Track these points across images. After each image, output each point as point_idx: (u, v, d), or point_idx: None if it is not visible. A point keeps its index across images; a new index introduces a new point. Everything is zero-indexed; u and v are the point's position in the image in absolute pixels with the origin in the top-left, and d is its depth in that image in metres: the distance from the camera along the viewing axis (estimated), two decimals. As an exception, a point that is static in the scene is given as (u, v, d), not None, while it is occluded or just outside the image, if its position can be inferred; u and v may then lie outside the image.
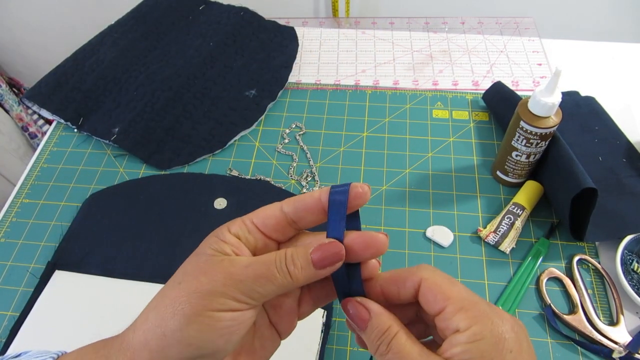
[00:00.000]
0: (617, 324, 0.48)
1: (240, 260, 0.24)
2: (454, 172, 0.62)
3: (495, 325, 0.23)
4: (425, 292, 0.25)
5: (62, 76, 0.72)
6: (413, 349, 0.23)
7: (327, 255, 0.24)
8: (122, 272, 0.53)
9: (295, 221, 0.26)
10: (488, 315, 0.23)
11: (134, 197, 0.59)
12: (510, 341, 0.23)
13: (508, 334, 0.23)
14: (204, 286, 0.23)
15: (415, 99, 0.71)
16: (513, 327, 0.23)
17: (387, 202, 0.59)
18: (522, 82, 0.73)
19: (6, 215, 0.60)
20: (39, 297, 0.51)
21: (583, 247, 0.54)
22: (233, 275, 0.24)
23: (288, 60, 0.75)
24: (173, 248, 0.54)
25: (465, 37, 0.80)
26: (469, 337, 0.22)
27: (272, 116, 0.70)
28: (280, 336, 0.28)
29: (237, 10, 0.81)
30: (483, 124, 0.67)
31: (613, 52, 0.77)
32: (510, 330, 0.23)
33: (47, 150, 0.67)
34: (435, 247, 0.55)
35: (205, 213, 0.57)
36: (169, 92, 0.69)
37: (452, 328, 0.23)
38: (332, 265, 0.24)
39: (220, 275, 0.24)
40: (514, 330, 0.23)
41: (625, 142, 0.63)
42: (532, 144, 0.53)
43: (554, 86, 0.49)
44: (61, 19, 1.40)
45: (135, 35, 0.78)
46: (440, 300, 0.24)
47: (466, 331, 0.23)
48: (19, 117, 1.28)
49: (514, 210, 0.55)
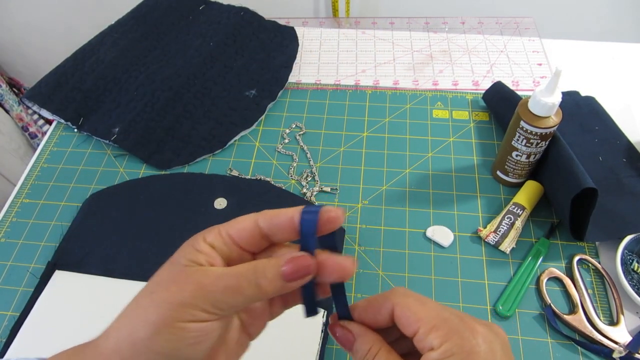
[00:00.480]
0: (617, 324, 0.48)
1: (212, 271, 0.25)
2: (454, 172, 0.62)
3: (465, 340, 0.24)
4: (399, 316, 0.26)
5: (62, 76, 0.72)
6: None
7: (298, 268, 0.25)
8: (122, 272, 0.53)
9: (269, 236, 0.26)
10: (458, 331, 0.24)
11: (134, 197, 0.59)
12: (481, 353, 0.24)
13: (479, 347, 0.24)
14: (174, 296, 0.24)
15: (415, 99, 0.71)
16: (486, 338, 0.24)
17: (387, 202, 0.59)
18: (522, 82, 0.73)
19: (6, 215, 0.60)
20: (39, 297, 0.51)
21: (583, 247, 0.54)
22: (203, 286, 0.24)
23: (288, 60, 0.75)
24: (173, 248, 0.53)
25: (465, 37, 0.80)
26: (440, 355, 0.24)
27: (272, 116, 0.70)
28: (250, 337, 0.29)
29: (237, 10, 0.81)
30: (483, 124, 0.67)
31: (613, 52, 0.77)
32: (482, 343, 0.24)
33: (47, 150, 0.67)
34: (436, 247, 0.55)
35: (205, 213, 0.57)
36: (169, 92, 0.69)
37: (427, 347, 0.24)
38: (301, 278, 0.25)
39: (190, 286, 0.24)
40: (487, 341, 0.24)
41: (625, 142, 0.63)
42: (532, 144, 0.53)
43: (554, 86, 0.49)
44: (61, 19, 1.40)
45: (135, 35, 0.78)
46: (412, 323, 0.25)
47: (439, 349, 0.24)
48: (19, 117, 1.28)
49: (514, 210, 0.55)
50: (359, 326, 0.27)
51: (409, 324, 0.25)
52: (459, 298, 0.51)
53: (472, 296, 0.51)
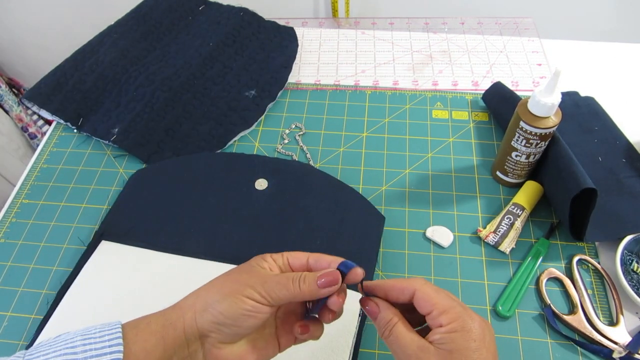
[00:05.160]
0: (617, 324, 0.48)
1: (271, 271, 0.36)
2: (454, 172, 0.62)
3: (465, 322, 0.32)
4: (418, 299, 0.34)
5: (62, 76, 0.72)
6: (407, 334, 0.33)
7: (329, 278, 0.34)
8: (164, 246, 0.55)
9: (312, 267, 0.37)
10: (461, 316, 0.32)
11: (178, 175, 0.61)
12: (475, 333, 0.32)
13: (474, 328, 0.32)
14: (242, 280, 0.34)
15: (415, 99, 0.71)
16: (480, 324, 0.32)
17: (387, 203, 0.59)
18: (521, 82, 0.73)
19: (6, 215, 0.60)
20: (85, 264, 0.53)
21: (583, 247, 0.54)
22: (263, 278, 0.34)
23: (288, 60, 0.75)
24: (214, 226, 0.56)
25: (465, 38, 0.80)
26: (446, 330, 0.32)
27: (272, 116, 0.70)
28: (279, 347, 0.38)
29: (237, 11, 0.81)
30: (483, 124, 0.67)
31: (613, 52, 0.77)
32: (477, 327, 0.32)
33: (47, 151, 0.67)
34: (435, 247, 0.55)
35: (246, 193, 0.59)
36: (169, 92, 0.69)
37: (437, 324, 0.33)
38: (330, 286, 0.34)
39: (255, 276, 0.34)
40: (480, 327, 0.32)
41: (625, 142, 0.63)
42: (531, 144, 0.53)
43: (553, 86, 0.49)
44: (61, 19, 1.40)
45: (135, 35, 0.78)
46: (428, 306, 0.33)
47: (446, 326, 0.32)
48: (19, 117, 1.28)
49: (514, 211, 0.55)
50: (383, 302, 0.36)
51: (426, 306, 0.33)
52: (458, 298, 0.51)
53: (472, 296, 0.51)
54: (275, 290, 0.33)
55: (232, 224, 0.56)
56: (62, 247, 0.56)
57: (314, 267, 0.36)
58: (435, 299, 0.33)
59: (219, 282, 0.35)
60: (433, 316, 0.33)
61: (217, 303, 0.33)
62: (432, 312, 0.33)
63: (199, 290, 0.35)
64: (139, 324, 0.34)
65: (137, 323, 0.34)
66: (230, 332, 0.34)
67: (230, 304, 0.33)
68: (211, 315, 0.33)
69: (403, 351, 0.33)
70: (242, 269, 0.36)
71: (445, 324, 0.32)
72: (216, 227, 0.56)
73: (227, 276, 0.36)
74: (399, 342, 0.33)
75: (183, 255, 0.54)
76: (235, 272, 0.36)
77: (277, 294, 0.33)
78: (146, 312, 0.35)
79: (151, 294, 0.51)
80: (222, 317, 0.33)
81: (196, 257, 0.54)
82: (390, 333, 0.34)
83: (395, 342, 0.34)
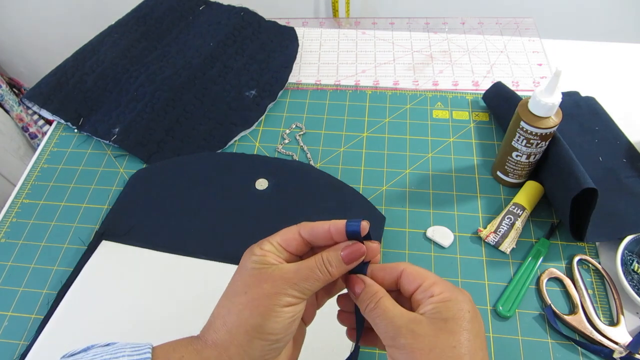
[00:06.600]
0: (618, 324, 0.48)
1: (288, 267, 0.32)
2: (454, 172, 0.62)
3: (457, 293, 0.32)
4: (407, 275, 0.33)
5: (63, 76, 0.72)
6: (395, 306, 0.32)
7: (353, 251, 0.33)
8: (165, 246, 0.55)
9: (311, 242, 0.34)
10: (452, 288, 0.32)
11: (178, 175, 0.61)
12: (468, 304, 0.31)
13: (467, 301, 0.32)
14: (268, 290, 0.31)
15: (415, 100, 0.71)
16: (470, 299, 0.32)
17: (387, 203, 0.59)
18: (522, 82, 0.73)
19: (6, 215, 0.60)
20: (85, 264, 0.53)
21: (583, 247, 0.54)
22: (288, 279, 0.31)
23: (288, 60, 0.75)
24: (215, 226, 0.56)
25: (465, 38, 0.80)
26: (439, 299, 0.31)
27: (272, 116, 0.70)
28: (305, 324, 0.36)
29: (238, 11, 0.81)
30: (483, 124, 0.67)
31: (613, 52, 0.77)
32: (469, 300, 0.32)
33: (48, 151, 0.67)
34: (436, 247, 0.55)
35: (247, 193, 0.59)
36: (169, 92, 0.69)
37: (428, 295, 0.32)
38: (357, 260, 0.33)
39: (277, 280, 0.31)
40: (471, 300, 0.32)
41: (625, 142, 0.63)
42: (532, 144, 0.53)
43: (554, 86, 0.49)
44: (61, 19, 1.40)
45: (135, 35, 0.78)
46: (418, 279, 0.33)
47: (439, 295, 0.31)
48: (19, 117, 1.28)
49: (514, 211, 0.55)
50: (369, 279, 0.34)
51: (416, 280, 0.33)
52: (459, 298, 0.51)
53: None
54: (307, 286, 0.32)
55: (233, 223, 0.56)
56: (62, 247, 0.56)
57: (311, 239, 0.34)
58: (425, 273, 0.33)
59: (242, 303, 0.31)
60: (424, 287, 0.32)
61: (260, 327, 0.30)
62: (423, 284, 0.32)
63: (224, 320, 0.31)
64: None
65: None
66: (284, 344, 0.32)
67: (274, 322, 0.31)
68: (262, 340, 0.31)
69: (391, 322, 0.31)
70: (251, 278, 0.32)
71: (437, 294, 0.31)
72: (217, 227, 0.56)
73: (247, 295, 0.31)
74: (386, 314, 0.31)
75: (183, 255, 0.54)
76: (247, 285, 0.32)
77: (309, 288, 0.32)
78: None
79: (151, 294, 0.51)
80: (273, 337, 0.31)
81: (196, 257, 0.54)
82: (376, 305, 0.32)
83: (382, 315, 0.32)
